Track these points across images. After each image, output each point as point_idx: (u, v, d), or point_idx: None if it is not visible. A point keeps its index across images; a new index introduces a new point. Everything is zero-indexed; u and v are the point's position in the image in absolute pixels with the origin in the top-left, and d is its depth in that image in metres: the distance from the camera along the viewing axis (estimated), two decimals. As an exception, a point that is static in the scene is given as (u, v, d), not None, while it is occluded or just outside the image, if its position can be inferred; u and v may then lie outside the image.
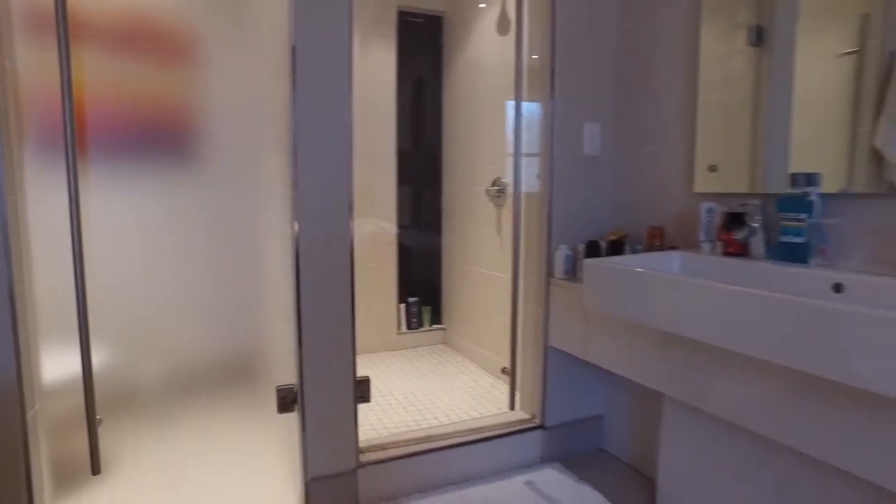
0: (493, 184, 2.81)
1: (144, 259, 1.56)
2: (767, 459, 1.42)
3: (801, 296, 1.02)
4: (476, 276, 3.08)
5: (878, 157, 1.31)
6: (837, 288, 1.23)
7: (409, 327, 3.40)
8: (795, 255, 1.36)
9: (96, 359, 1.50)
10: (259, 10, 1.63)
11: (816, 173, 1.37)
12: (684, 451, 1.66)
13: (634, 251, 1.85)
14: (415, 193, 3.38)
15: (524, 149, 2.06)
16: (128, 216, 1.53)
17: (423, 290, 3.45)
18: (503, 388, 2.66)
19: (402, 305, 3.37)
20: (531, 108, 2.03)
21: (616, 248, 1.87)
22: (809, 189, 1.34)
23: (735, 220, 1.55)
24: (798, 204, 1.35)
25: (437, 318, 3.50)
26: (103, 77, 1.47)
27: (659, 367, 1.50)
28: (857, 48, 1.37)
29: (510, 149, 2.65)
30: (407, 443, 1.84)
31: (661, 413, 1.73)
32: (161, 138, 1.55)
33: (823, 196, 1.36)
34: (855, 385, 0.93)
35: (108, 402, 1.55)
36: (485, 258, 2.97)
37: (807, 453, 1.17)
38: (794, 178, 1.38)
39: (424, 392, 2.68)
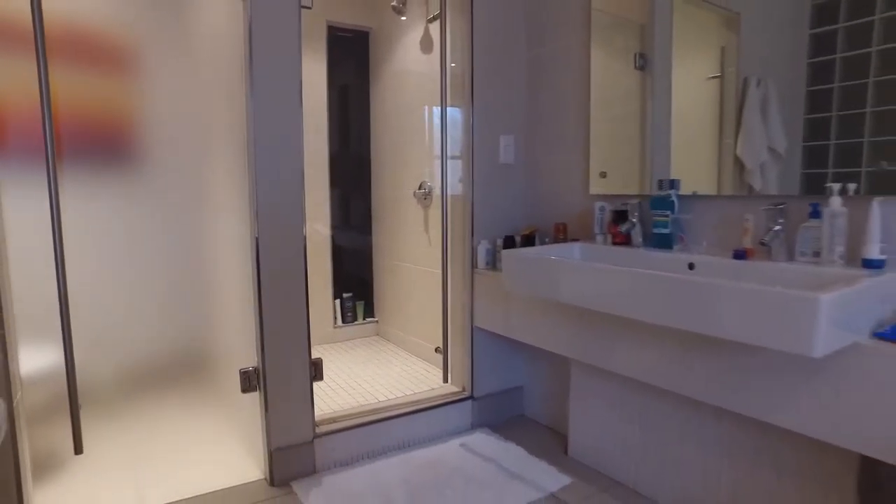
0: (420, 187, 3.10)
1: (113, 261, 1.72)
2: (648, 403, 1.82)
3: (667, 272, 1.38)
4: (406, 271, 3.36)
5: (740, 164, 1.67)
6: (691, 266, 1.63)
7: (344, 321, 3.62)
8: (663, 242, 1.76)
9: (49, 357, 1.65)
10: (213, 22, 1.83)
11: (677, 179, 1.78)
12: (589, 406, 2.03)
13: (543, 243, 2.21)
14: (346, 196, 3.61)
15: (445, 157, 2.37)
16: (93, 220, 1.69)
17: (356, 285, 3.68)
18: (435, 371, 2.96)
19: (337, 301, 3.60)
20: (454, 122, 2.34)
21: (528, 241, 2.22)
22: (671, 192, 1.75)
23: (620, 216, 1.93)
24: (664, 203, 1.75)
25: (370, 312, 3.75)
26: (62, 88, 1.62)
27: (565, 336, 1.86)
28: (719, 74, 1.72)
29: (434, 155, 2.95)
30: (357, 415, 2.10)
31: (570, 376, 2.10)
32: (123, 145, 1.72)
33: (681, 197, 1.77)
34: (705, 333, 1.29)
35: (80, 394, 1.70)
36: (413, 255, 3.26)
37: (677, 392, 1.55)
38: (661, 183, 1.78)
39: (363, 377, 2.93)
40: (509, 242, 2.23)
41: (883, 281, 1.21)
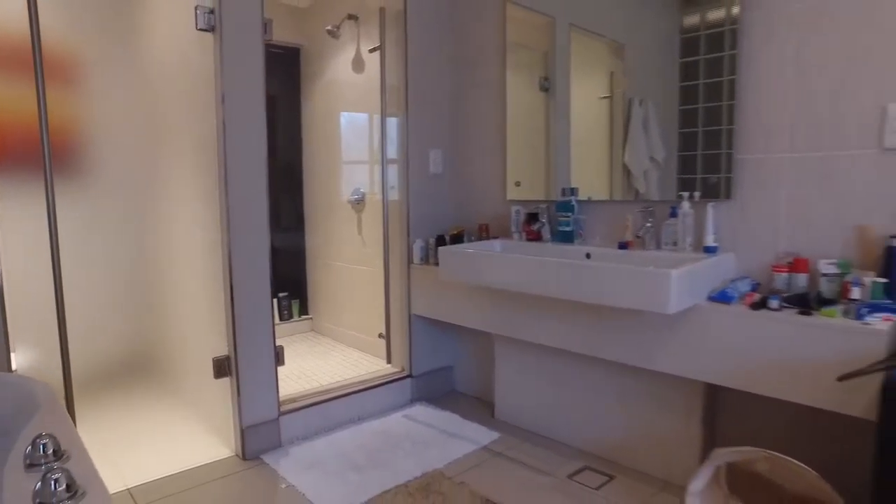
0: (353, 192, 3.41)
1: (97, 265, 1.91)
2: (558, 365, 2.27)
3: (569, 260, 1.81)
4: (339, 270, 3.65)
5: (628, 172, 2.07)
6: (588, 255, 2.10)
7: (281, 319, 3.85)
8: (566, 238, 2.22)
9: (40, 354, 1.83)
10: (186, 52, 2.06)
11: (576, 187, 2.24)
12: (510, 374, 2.46)
13: (470, 241, 2.60)
14: (278, 200, 3.83)
15: (385, 169, 2.72)
16: (75, 227, 1.87)
17: (291, 285, 3.92)
18: (369, 359, 3.28)
19: (274, 300, 3.81)
20: (391, 137, 2.69)
21: (457, 239, 2.61)
22: (571, 197, 2.20)
23: (532, 217, 2.37)
24: (566, 206, 2.20)
25: (304, 310, 4.00)
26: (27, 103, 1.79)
27: (490, 315, 2.27)
28: (609, 94, 2.10)
29: (367, 164, 3.28)
30: (314, 395, 2.40)
31: (493, 350, 2.52)
32: (96, 162, 1.91)
33: (579, 201, 2.23)
34: (598, 303, 1.74)
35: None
36: (347, 255, 3.56)
37: (580, 353, 2.00)
38: (563, 190, 2.24)
39: (306, 367, 3.19)
40: (441, 241, 2.61)
41: (715, 261, 1.72)
